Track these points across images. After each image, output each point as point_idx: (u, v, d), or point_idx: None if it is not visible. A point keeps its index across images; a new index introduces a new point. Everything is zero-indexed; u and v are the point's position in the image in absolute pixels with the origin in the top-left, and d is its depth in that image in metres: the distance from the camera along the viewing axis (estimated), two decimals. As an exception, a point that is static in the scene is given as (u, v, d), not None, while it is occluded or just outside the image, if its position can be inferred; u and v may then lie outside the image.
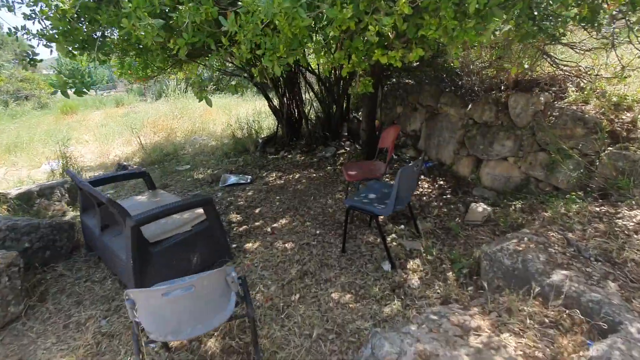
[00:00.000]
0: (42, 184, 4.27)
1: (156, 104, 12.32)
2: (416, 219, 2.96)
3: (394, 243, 2.75)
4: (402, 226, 2.98)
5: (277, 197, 3.86)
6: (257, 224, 3.30)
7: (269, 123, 7.05)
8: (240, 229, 3.23)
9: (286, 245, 2.88)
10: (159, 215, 2.22)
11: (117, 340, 2.03)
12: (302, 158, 5.25)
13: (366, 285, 2.33)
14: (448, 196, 3.45)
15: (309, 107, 6.08)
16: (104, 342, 2.02)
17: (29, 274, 2.54)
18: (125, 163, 5.98)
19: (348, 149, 5.32)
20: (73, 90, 2.42)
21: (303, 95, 5.85)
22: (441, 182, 3.75)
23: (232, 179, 4.52)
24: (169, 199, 3.08)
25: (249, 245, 2.92)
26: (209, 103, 2.33)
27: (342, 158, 5.01)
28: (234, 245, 2.94)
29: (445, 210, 3.20)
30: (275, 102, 5.88)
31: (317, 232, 3.05)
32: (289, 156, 5.41)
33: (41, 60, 2.40)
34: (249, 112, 8.12)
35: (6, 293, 2.17)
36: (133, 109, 12.86)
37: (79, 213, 4.16)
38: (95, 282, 2.60)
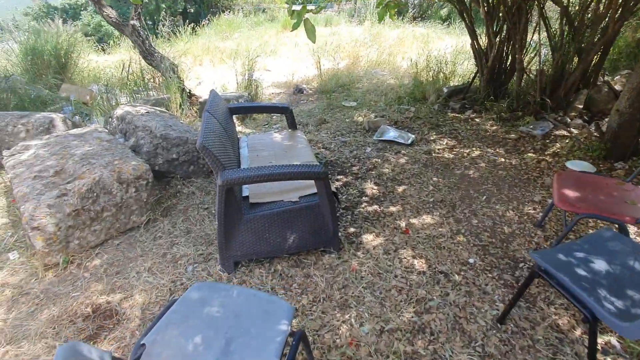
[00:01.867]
0: (225, 94, 4.60)
1: (357, 27, 11.89)
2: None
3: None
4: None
5: (435, 179, 2.82)
6: (392, 209, 2.47)
7: (464, 69, 5.46)
8: (369, 208, 2.48)
9: (415, 262, 1.99)
10: (258, 178, 1.72)
11: (187, 299, 1.82)
12: (495, 127, 3.76)
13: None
14: None
15: (531, 55, 4.19)
16: (176, 295, 1.84)
17: (157, 187, 2.64)
18: (302, 86, 5.94)
19: (575, 131, 3.44)
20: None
21: (529, 36, 4.00)
22: None
23: (391, 133, 3.66)
24: (300, 147, 2.59)
25: (368, 238, 2.19)
26: (312, 36, 1.52)
27: (558, 145, 3.27)
28: (352, 230, 2.26)
29: None
30: (483, 41, 4.28)
31: (471, 260, 1.98)
32: (477, 120, 4.00)
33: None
34: (448, 48, 6.57)
35: (131, 203, 2.27)
36: (337, 31, 12.95)
37: (247, 130, 4.38)
38: (212, 214, 2.51)
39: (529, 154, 3.12)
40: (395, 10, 2.35)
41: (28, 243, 2.17)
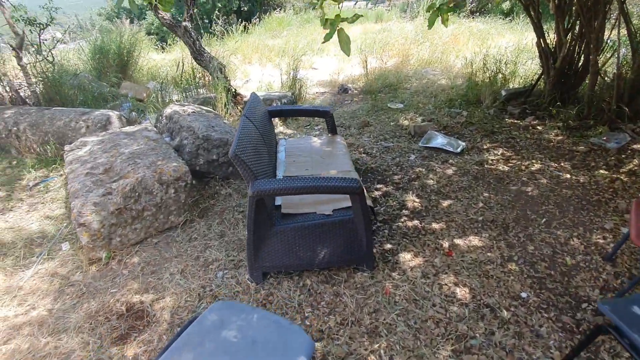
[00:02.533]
0: (269, 94, 4.62)
1: (408, 23, 11.43)
2: None
3: None
4: None
5: (485, 194, 2.56)
6: (434, 226, 2.27)
7: (527, 70, 4.96)
8: (409, 223, 2.31)
9: (457, 290, 1.79)
10: (289, 190, 1.64)
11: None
12: (560, 137, 3.35)
13: None
14: None
15: (608, 56, 3.67)
16: (204, 301, 1.84)
17: (196, 188, 2.68)
18: (347, 86, 5.80)
19: (663, 146, 2.95)
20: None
21: (606, 34, 3.49)
22: None
23: (439, 140, 3.41)
24: (339, 154, 2.48)
25: (405, 258, 2.03)
26: (346, 49, 1.39)
27: (637, 162, 2.82)
28: (388, 246, 2.11)
29: None
30: (551, 39, 3.83)
31: (524, 294, 1.75)
32: (539, 128, 3.59)
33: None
34: (508, 46, 6.03)
35: (170, 203, 2.32)
36: (387, 27, 12.56)
37: (289, 130, 4.36)
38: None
39: (601, 171, 2.72)
40: (449, 14, 2.10)
41: (77, 236, 2.31)
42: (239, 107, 4.36)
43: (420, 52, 6.85)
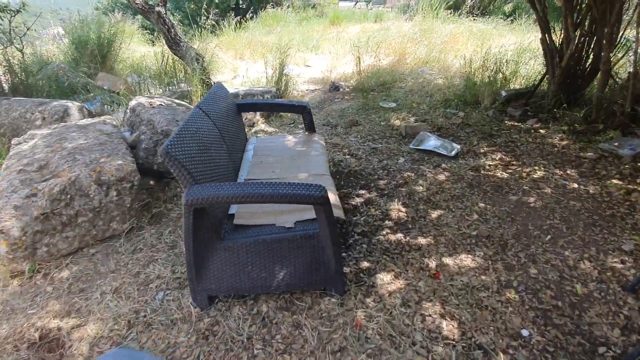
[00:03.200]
0: (251, 89, 4.29)
1: (406, 22, 11.15)
2: None
3: None
4: None
5: (481, 205, 2.23)
6: (420, 241, 1.94)
7: (529, 70, 4.64)
8: (392, 237, 1.98)
9: (443, 324, 1.46)
10: (231, 198, 1.30)
11: (144, 336, 1.47)
12: (566, 142, 3.03)
13: None
14: None
15: (620, 56, 3.36)
16: (134, 330, 1.50)
17: (148, 191, 2.35)
18: (339, 84, 5.48)
19: (681, 153, 2.62)
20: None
21: (620, 31, 3.18)
22: None
23: (431, 142, 3.08)
24: (314, 154, 2.15)
25: (384, 279, 1.69)
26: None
27: (656, 170, 2.50)
28: (365, 264, 1.78)
29: None
30: (557, 35, 3.51)
31: (525, 332, 1.41)
32: (542, 131, 3.27)
33: None
34: (509, 46, 5.72)
35: (111, 208, 1.98)
36: (387, 26, 12.27)
37: (270, 128, 4.02)
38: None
39: (614, 181, 2.39)
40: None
41: None
42: (218, 102, 4.02)
43: (418, 51, 6.53)
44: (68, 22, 5.67)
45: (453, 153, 2.92)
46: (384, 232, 2.02)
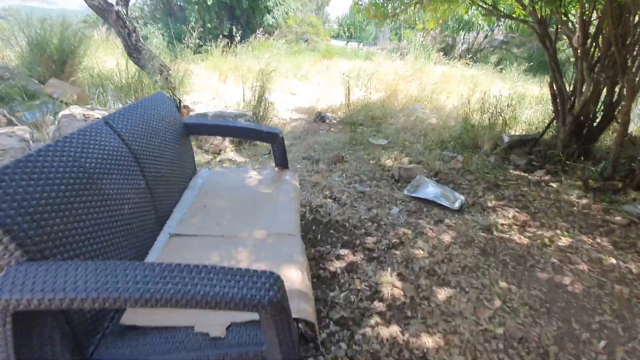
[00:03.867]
0: (222, 111, 3.73)
1: (398, 62, 11.16)
2: None
3: None
4: None
5: (503, 284, 1.65)
6: (425, 340, 1.32)
7: (531, 115, 4.33)
8: (383, 331, 1.35)
9: None
10: (98, 301, 0.67)
11: None
12: (585, 201, 2.56)
13: None
14: None
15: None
16: None
17: None
18: (325, 114, 5.02)
19: None
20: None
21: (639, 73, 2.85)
22: None
23: (430, 189, 2.56)
24: (282, 200, 1.55)
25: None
26: None
27: None
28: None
29: None
30: (568, 79, 3.18)
31: None
32: (554, 185, 2.82)
33: None
34: (504, 92, 5.49)
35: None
36: (378, 63, 12.28)
37: (240, 158, 3.41)
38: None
39: (660, 257, 1.89)
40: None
41: None
42: (181, 122, 3.42)
43: (409, 89, 6.26)
44: (26, 22, 5.05)
45: (456, 205, 2.39)
46: (373, 322, 1.39)
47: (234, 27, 15.25)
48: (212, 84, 7.08)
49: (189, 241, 1.27)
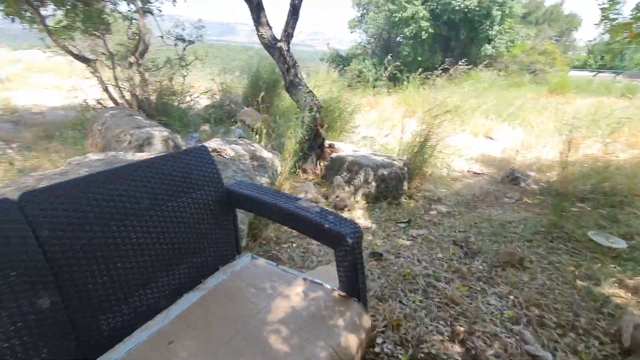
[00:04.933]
0: (363, 156, 3.09)
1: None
2: None
3: None
4: None
5: None
6: None
7: None
8: None
9: None
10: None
11: None
12: None
13: None
14: None
15: None
16: None
17: None
18: (521, 174, 3.58)
19: None
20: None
21: None
22: None
23: None
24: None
25: None
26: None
27: None
28: None
29: None
30: None
31: None
32: None
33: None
34: None
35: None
36: (637, 103, 8.52)
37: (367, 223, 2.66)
38: None
39: None
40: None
41: None
42: (320, 164, 3.04)
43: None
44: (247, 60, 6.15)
45: None
46: None
47: (446, 59, 14.53)
48: (394, 118, 6.65)
49: None
